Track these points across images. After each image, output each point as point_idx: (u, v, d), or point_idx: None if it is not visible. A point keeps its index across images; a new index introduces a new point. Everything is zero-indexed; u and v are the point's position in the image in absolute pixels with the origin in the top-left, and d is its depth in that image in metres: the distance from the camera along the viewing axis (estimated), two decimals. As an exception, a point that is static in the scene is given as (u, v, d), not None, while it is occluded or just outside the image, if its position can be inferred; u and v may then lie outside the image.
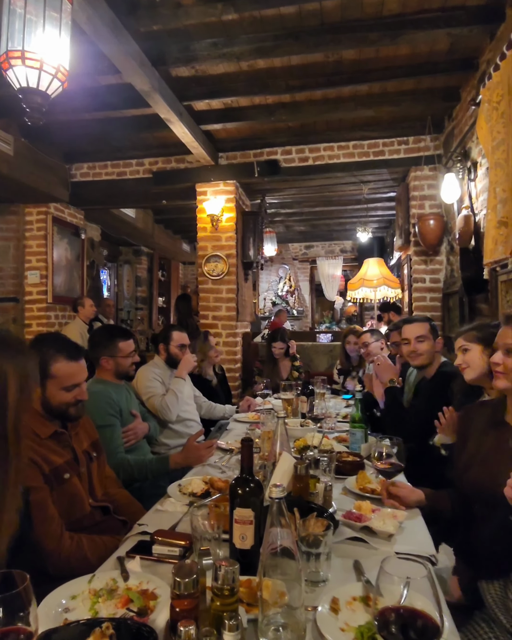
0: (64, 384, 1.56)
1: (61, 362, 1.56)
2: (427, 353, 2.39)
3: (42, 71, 1.83)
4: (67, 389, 1.56)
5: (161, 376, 2.84)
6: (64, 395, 1.56)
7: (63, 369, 1.56)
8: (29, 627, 0.72)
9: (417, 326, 2.43)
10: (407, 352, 2.43)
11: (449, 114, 4.35)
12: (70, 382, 1.57)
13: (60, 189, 5.30)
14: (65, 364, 1.56)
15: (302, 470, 1.44)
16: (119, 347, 2.32)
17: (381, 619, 0.75)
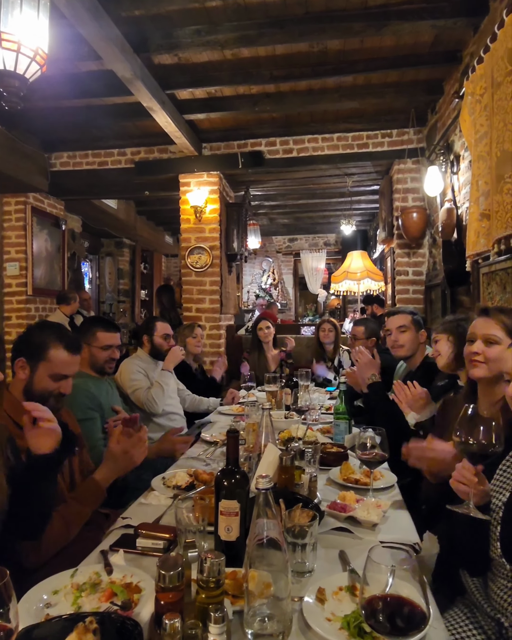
0: (54, 371, 1.55)
1: (59, 350, 1.56)
2: (408, 344, 2.45)
3: (20, 53, 1.77)
4: (55, 378, 1.56)
5: (145, 369, 2.81)
6: (50, 383, 1.55)
7: (59, 357, 1.56)
8: (9, 624, 0.70)
9: (399, 317, 2.50)
10: (390, 342, 2.50)
11: (432, 107, 4.36)
12: (60, 372, 1.56)
13: (39, 179, 5.18)
14: (62, 352, 1.57)
15: (288, 462, 1.44)
16: (97, 336, 2.26)
17: (368, 608, 0.75)
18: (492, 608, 1.15)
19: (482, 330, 1.47)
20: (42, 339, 1.56)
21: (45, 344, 1.55)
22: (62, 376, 1.57)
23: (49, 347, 1.55)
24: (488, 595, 1.18)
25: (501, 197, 2.43)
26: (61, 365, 1.56)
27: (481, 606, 1.19)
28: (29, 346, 1.57)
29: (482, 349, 1.46)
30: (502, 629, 1.10)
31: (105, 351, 2.27)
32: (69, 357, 1.58)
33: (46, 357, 1.54)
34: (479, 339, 1.48)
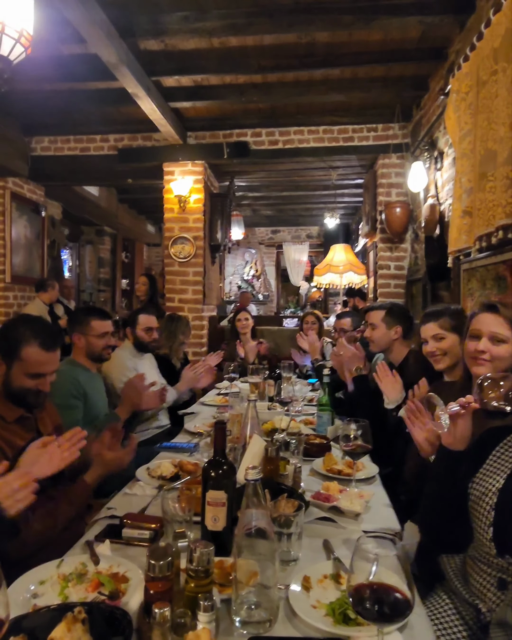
0: (29, 371, 1.51)
1: (33, 348, 1.51)
2: (377, 340, 2.50)
3: (4, 34, 1.71)
4: (31, 376, 1.51)
5: (134, 362, 2.82)
6: (26, 381, 1.51)
7: (33, 356, 1.50)
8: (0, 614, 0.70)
9: (371, 313, 2.57)
10: (365, 337, 2.59)
11: (417, 103, 4.39)
12: (35, 370, 1.52)
13: (19, 163, 5.05)
14: (36, 351, 1.51)
15: (273, 453, 1.46)
16: (92, 325, 2.28)
17: (356, 595, 0.77)
18: (470, 594, 1.19)
19: (489, 328, 1.41)
20: (17, 336, 1.51)
21: (19, 342, 1.50)
22: (38, 374, 1.52)
23: (23, 345, 1.50)
24: (467, 581, 1.22)
25: (483, 195, 2.47)
26: (36, 365, 1.51)
27: (459, 592, 1.23)
28: (4, 343, 1.52)
29: (489, 347, 1.40)
30: (480, 615, 1.14)
31: (102, 339, 2.29)
32: (44, 356, 1.52)
33: (19, 355, 1.50)
34: (485, 337, 1.41)
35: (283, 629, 0.94)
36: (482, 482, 1.19)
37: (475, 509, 1.18)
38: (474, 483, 1.20)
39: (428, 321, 1.94)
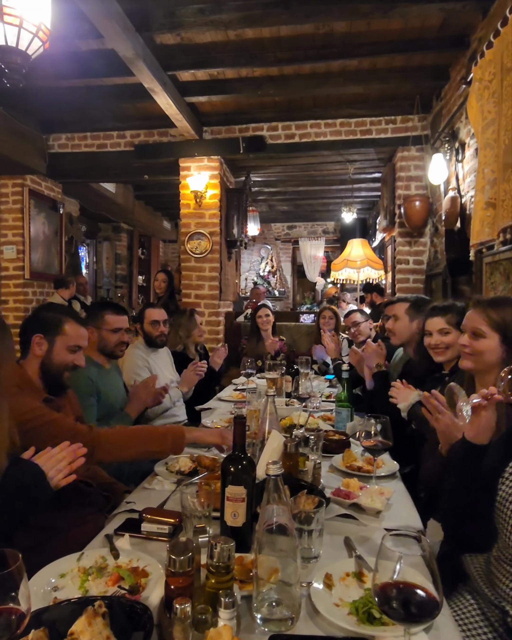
0: (70, 343, 1.67)
1: (71, 323, 1.70)
2: (399, 332, 2.46)
3: (22, 28, 1.71)
4: (71, 350, 1.68)
5: (145, 358, 2.82)
6: (67, 355, 1.67)
7: (73, 329, 1.69)
8: (21, 607, 0.69)
9: (394, 305, 2.53)
10: (387, 329, 2.54)
11: (437, 93, 4.30)
12: (75, 343, 1.69)
13: (36, 160, 5.10)
14: (74, 325, 1.70)
15: (292, 448, 1.44)
16: (106, 319, 2.28)
17: (382, 595, 0.75)
18: (496, 596, 1.15)
19: (470, 323, 1.50)
20: (56, 316, 1.69)
21: (59, 320, 1.68)
22: (77, 347, 1.69)
23: (64, 322, 1.68)
24: (492, 582, 1.18)
25: (508, 185, 2.40)
26: (76, 337, 1.69)
27: (484, 594, 1.20)
28: (44, 323, 1.67)
29: (469, 341, 1.49)
30: (507, 617, 1.10)
31: (115, 334, 2.29)
32: (81, 329, 1.73)
33: (62, 330, 1.66)
34: (466, 332, 1.52)
35: (305, 627, 0.93)
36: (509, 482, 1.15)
37: (500, 509, 1.14)
38: (504, 478, 1.15)
39: (436, 315, 2.01)
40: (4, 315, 5.19)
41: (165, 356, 3.08)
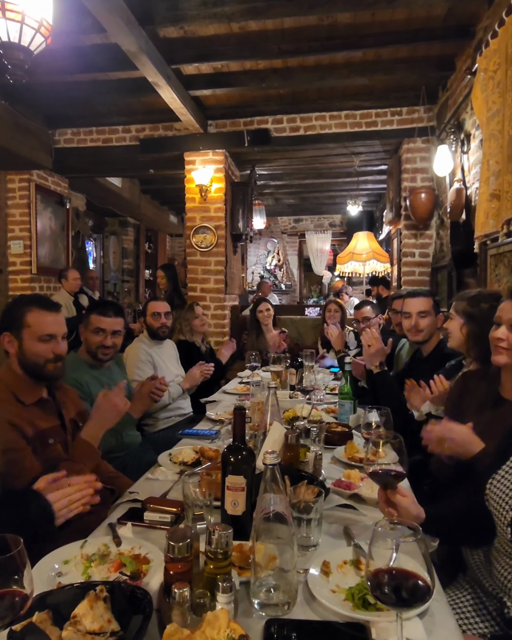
0: (39, 333, 1.54)
1: (34, 311, 1.55)
2: (428, 329, 2.35)
3: (24, 24, 1.72)
4: (43, 340, 1.54)
5: (149, 352, 2.84)
6: (40, 346, 1.54)
7: (36, 317, 1.55)
8: (24, 590, 0.72)
9: (420, 301, 2.35)
10: (408, 326, 2.37)
11: (443, 84, 4.26)
12: (44, 332, 1.54)
13: (43, 155, 5.12)
14: (38, 313, 1.56)
15: (293, 440, 1.45)
16: (90, 319, 2.19)
17: (374, 580, 0.77)
18: (494, 587, 1.17)
19: (508, 315, 1.38)
20: (16, 309, 1.57)
21: (21, 312, 1.55)
22: (48, 336, 1.55)
23: (25, 312, 1.55)
24: (491, 573, 1.20)
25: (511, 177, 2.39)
26: (43, 325, 1.55)
27: (482, 584, 1.21)
28: (8, 319, 1.58)
29: (507, 334, 1.37)
30: (504, 608, 1.11)
31: (96, 335, 2.16)
32: (47, 315, 1.57)
33: (26, 322, 1.54)
34: (504, 324, 1.40)
35: (302, 612, 0.95)
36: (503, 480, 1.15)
37: (494, 507, 1.14)
38: (495, 479, 1.16)
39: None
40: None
41: (171, 350, 3.10)
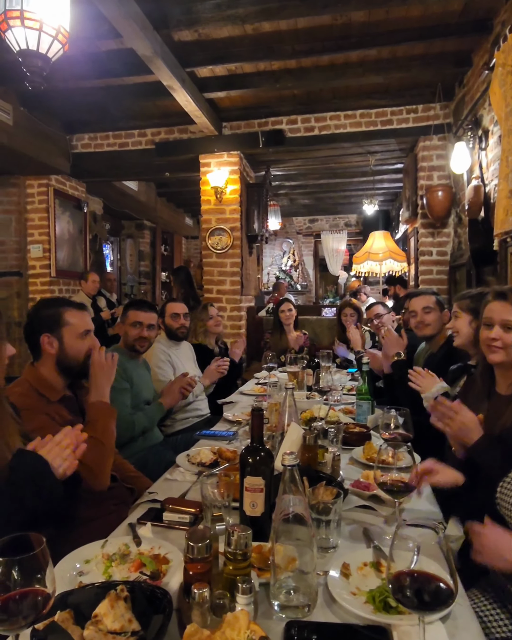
0: (79, 330, 1.65)
1: (72, 311, 1.66)
2: (434, 323, 2.46)
3: (42, 32, 1.75)
4: (82, 336, 1.66)
5: (167, 352, 2.87)
6: (80, 343, 1.65)
7: (74, 316, 1.66)
8: (47, 589, 0.73)
9: (422, 298, 2.51)
10: (415, 323, 2.50)
11: (460, 80, 4.21)
12: (82, 329, 1.66)
13: (61, 160, 5.20)
14: (75, 312, 1.67)
15: (311, 440, 1.45)
16: (128, 314, 2.43)
17: (396, 583, 0.76)
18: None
19: (499, 315, 1.45)
20: (53, 310, 1.65)
21: (56, 312, 1.64)
22: (86, 332, 1.67)
23: (62, 312, 1.64)
24: (513, 577, 1.17)
25: (532, 173, 2.34)
26: (81, 322, 1.67)
27: (505, 588, 1.19)
28: (46, 320, 1.63)
29: (501, 334, 1.43)
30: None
31: (135, 328, 2.39)
32: (83, 314, 1.70)
33: (64, 321, 1.63)
34: (496, 325, 1.45)
35: (322, 614, 0.94)
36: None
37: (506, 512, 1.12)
38: (506, 482, 1.14)
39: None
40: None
41: (188, 351, 3.12)
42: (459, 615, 0.93)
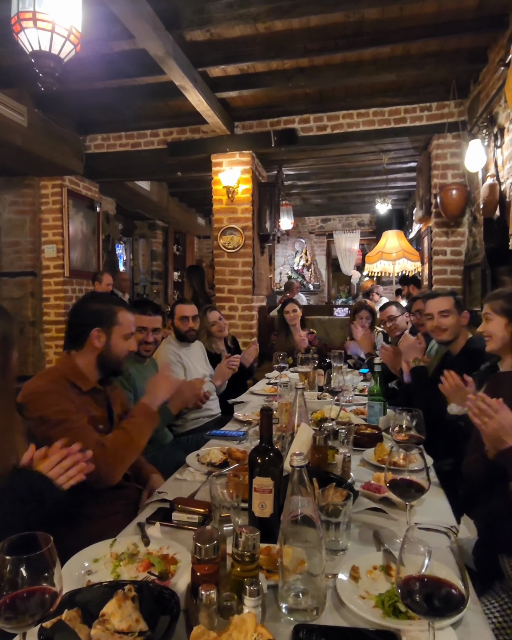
0: (125, 332, 1.69)
1: (123, 312, 1.71)
2: (451, 328, 2.31)
3: (54, 33, 1.77)
4: (126, 337, 1.69)
5: (178, 353, 2.86)
6: (123, 343, 1.69)
7: (126, 317, 1.70)
8: (54, 587, 0.73)
9: (440, 300, 2.34)
10: (431, 327, 2.36)
11: (475, 77, 4.15)
12: (129, 331, 1.71)
13: (74, 161, 5.25)
14: (126, 313, 1.71)
15: (321, 441, 1.43)
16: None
17: (405, 588, 0.74)
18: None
19: None
20: (109, 306, 1.68)
21: (113, 310, 1.67)
22: (130, 334, 1.72)
23: (117, 311, 1.68)
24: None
25: (548, 170, 2.30)
26: (130, 325, 1.72)
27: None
28: (100, 315, 1.66)
29: None
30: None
31: (138, 333, 2.28)
32: (130, 316, 1.74)
33: (117, 320, 1.67)
34: None
35: (330, 618, 0.93)
36: None
37: None
38: None
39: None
40: (46, 312, 5.39)
41: (199, 350, 3.12)
42: (470, 621, 0.91)
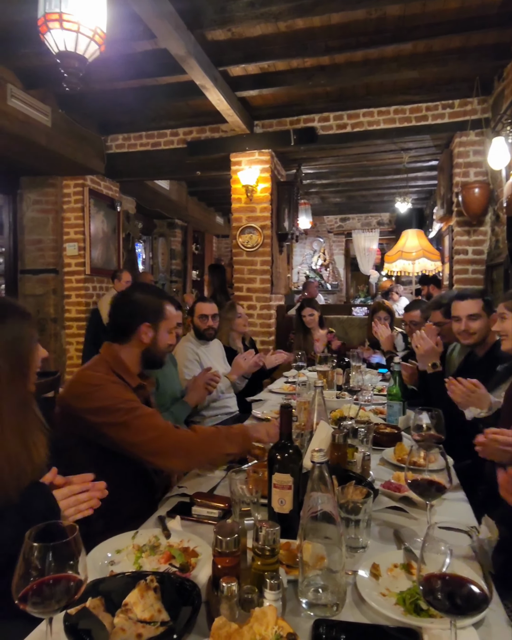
0: (170, 326, 1.70)
1: (170, 305, 1.72)
2: (480, 332, 2.22)
3: (80, 34, 1.80)
4: (170, 331, 1.71)
5: (196, 351, 2.88)
6: (168, 337, 1.70)
7: (172, 311, 1.71)
8: (79, 575, 0.74)
9: (469, 303, 2.22)
10: (458, 330, 2.26)
11: (499, 73, 4.08)
12: (173, 325, 1.72)
13: (96, 161, 5.32)
14: (171, 307, 1.72)
15: (341, 439, 1.43)
16: None
17: (426, 585, 0.74)
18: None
19: None
20: (157, 300, 1.68)
21: (161, 304, 1.68)
22: (174, 328, 1.73)
23: (164, 306, 1.68)
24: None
25: None
26: (174, 319, 1.72)
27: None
28: (150, 310, 1.65)
29: None
30: None
31: None
32: (175, 309, 1.75)
33: (165, 315, 1.67)
34: None
35: (351, 614, 0.93)
36: None
37: None
38: None
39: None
40: (67, 309, 5.48)
41: (218, 349, 3.13)
42: (493, 622, 0.91)
